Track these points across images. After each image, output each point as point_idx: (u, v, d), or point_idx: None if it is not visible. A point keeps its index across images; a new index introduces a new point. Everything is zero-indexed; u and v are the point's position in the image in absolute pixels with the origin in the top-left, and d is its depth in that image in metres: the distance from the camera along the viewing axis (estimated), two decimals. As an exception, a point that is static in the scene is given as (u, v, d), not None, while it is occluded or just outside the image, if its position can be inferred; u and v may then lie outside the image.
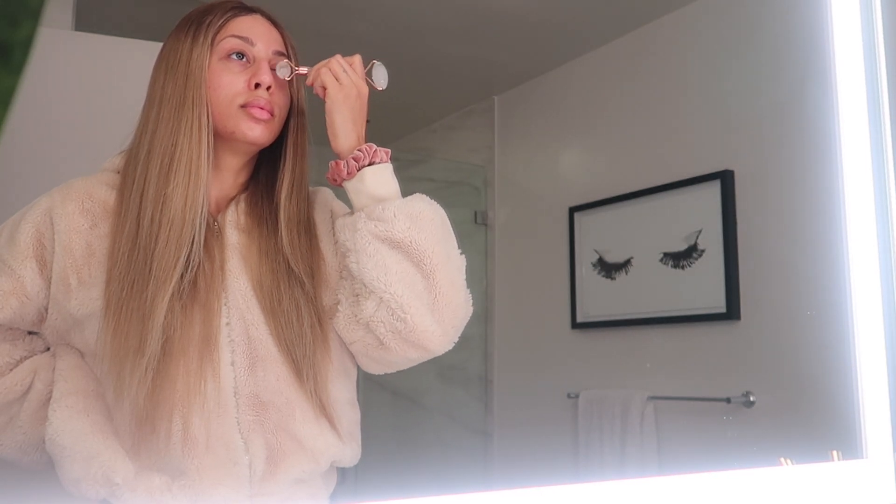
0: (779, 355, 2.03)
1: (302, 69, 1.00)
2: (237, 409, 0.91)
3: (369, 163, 0.97)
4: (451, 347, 0.98)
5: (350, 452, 1.00)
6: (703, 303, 2.21)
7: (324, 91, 0.98)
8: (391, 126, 3.44)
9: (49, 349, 0.99)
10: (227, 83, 0.95)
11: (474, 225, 3.08)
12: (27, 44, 0.24)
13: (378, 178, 0.97)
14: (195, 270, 0.91)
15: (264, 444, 0.92)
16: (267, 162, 1.03)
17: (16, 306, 0.93)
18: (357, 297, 0.96)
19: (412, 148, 3.44)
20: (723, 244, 2.18)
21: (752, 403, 2.06)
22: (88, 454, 0.90)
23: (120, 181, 0.96)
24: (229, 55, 0.97)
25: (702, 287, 2.23)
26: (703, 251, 2.24)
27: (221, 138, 0.97)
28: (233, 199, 1.01)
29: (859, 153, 0.97)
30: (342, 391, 1.01)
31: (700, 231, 2.26)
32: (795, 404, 1.96)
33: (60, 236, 0.92)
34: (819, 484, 0.86)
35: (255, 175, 1.04)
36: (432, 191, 0.99)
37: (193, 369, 0.89)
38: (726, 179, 2.19)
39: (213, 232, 0.97)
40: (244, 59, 0.98)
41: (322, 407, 0.95)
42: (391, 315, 0.93)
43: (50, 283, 0.93)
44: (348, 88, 0.97)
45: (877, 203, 0.96)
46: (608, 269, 2.56)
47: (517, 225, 3.02)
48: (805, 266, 1.93)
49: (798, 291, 1.97)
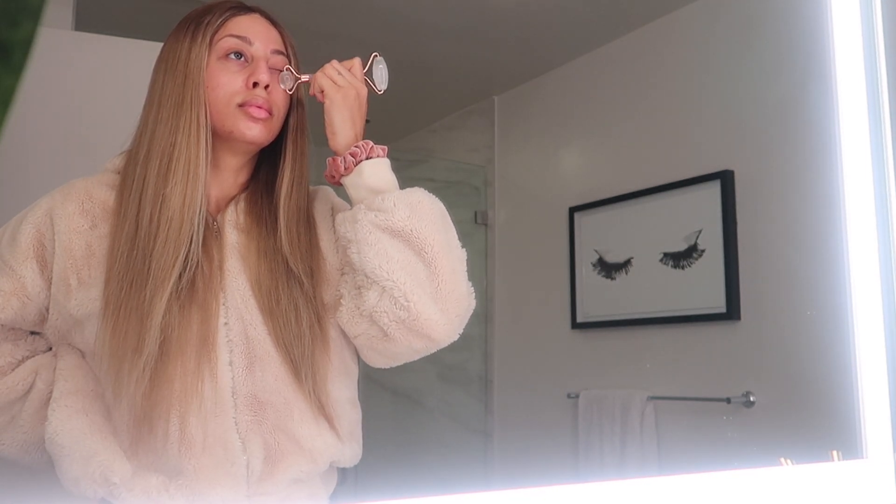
0: (779, 355, 2.03)
1: (304, 77, 1.00)
2: (235, 409, 0.91)
3: (366, 157, 0.97)
4: (456, 338, 0.97)
5: (350, 452, 0.99)
6: (703, 303, 2.21)
7: (323, 94, 0.99)
8: (391, 126, 3.44)
9: (51, 349, 0.99)
10: (226, 82, 0.95)
11: (474, 225, 3.08)
12: (27, 44, 0.24)
13: (376, 172, 0.97)
14: (193, 270, 0.91)
15: (262, 444, 0.91)
16: (267, 161, 1.03)
17: (17, 307, 0.93)
18: (359, 290, 0.95)
19: (412, 148, 3.44)
20: (723, 244, 2.18)
21: (752, 403, 2.06)
22: (87, 454, 0.90)
23: (119, 181, 0.96)
24: (227, 55, 0.97)
25: (702, 287, 2.23)
26: (703, 251, 2.24)
27: (220, 138, 0.97)
28: (233, 199, 1.01)
29: (859, 153, 0.97)
30: (342, 390, 1.00)
31: (700, 231, 2.26)
32: (795, 404, 1.96)
33: (60, 237, 0.92)
34: (819, 484, 0.86)
35: (256, 174, 1.03)
36: (432, 191, 0.98)
37: (191, 369, 0.89)
38: (726, 179, 2.19)
39: (213, 232, 0.96)
40: (242, 59, 0.97)
41: (321, 407, 0.95)
42: (394, 304, 0.92)
43: (50, 284, 0.93)
44: (346, 89, 0.98)
45: (877, 203, 0.96)
46: (608, 269, 2.56)
47: (517, 225, 3.02)
48: (805, 266, 1.93)
49: (798, 291, 1.97)
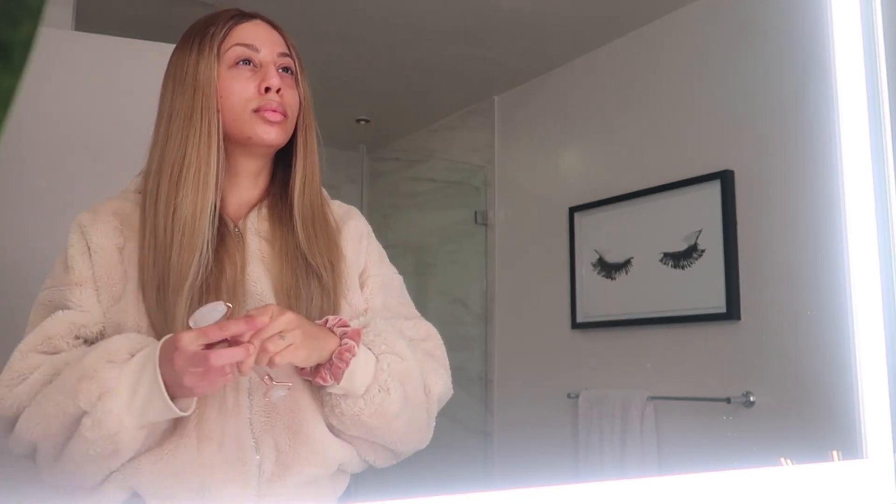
0: (779, 355, 2.03)
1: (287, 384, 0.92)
2: (250, 410, 0.93)
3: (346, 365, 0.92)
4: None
5: (358, 458, 1.01)
6: (703, 303, 2.21)
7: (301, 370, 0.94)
8: (391, 126, 3.44)
9: None
10: (239, 90, 0.98)
11: (474, 225, 3.08)
12: (27, 44, 0.24)
13: (360, 374, 0.94)
14: (210, 275, 0.93)
15: (274, 446, 0.93)
16: (282, 163, 1.06)
17: (98, 315, 0.95)
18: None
19: (412, 148, 3.44)
20: (723, 244, 2.18)
21: (752, 403, 2.06)
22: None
23: (141, 198, 1.00)
24: (237, 63, 0.99)
25: (702, 287, 2.23)
26: (703, 251, 2.24)
27: (237, 144, 0.99)
28: (255, 206, 1.03)
29: (859, 153, 0.97)
30: None
31: (700, 231, 2.26)
32: (795, 404, 1.96)
33: (95, 255, 0.96)
34: (819, 484, 0.86)
35: (274, 178, 1.06)
36: (432, 191, 0.99)
37: None
38: (726, 179, 2.19)
39: (235, 237, 0.99)
40: (251, 65, 1.00)
41: None
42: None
43: (98, 299, 0.96)
44: (292, 339, 0.86)
45: (877, 203, 0.96)
46: (608, 269, 2.56)
47: (517, 225, 3.02)
48: (805, 266, 1.93)
49: (798, 291, 1.97)
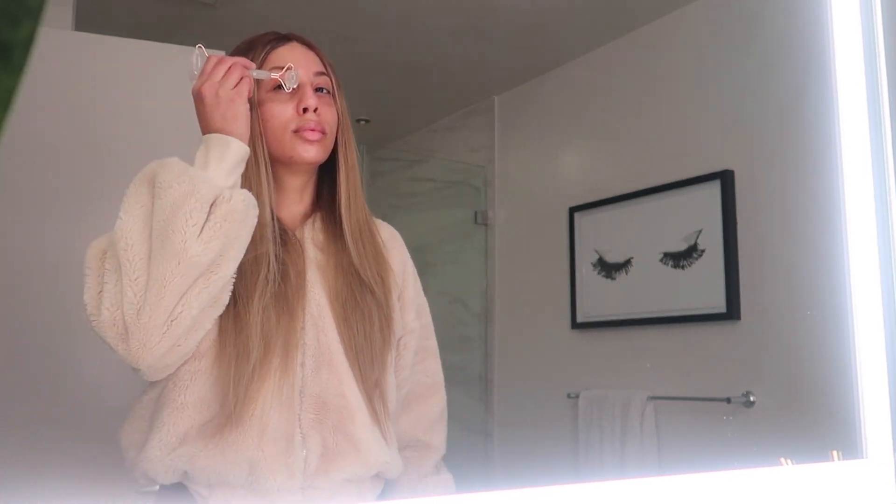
0: (779, 355, 2.03)
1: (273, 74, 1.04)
2: (300, 407, 0.98)
3: None
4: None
5: (395, 465, 1.06)
6: (703, 303, 2.21)
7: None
8: (391, 126, 3.44)
9: None
10: (279, 113, 1.03)
11: (474, 225, 3.08)
12: (27, 44, 0.24)
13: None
14: (278, 280, 0.99)
15: (321, 442, 0.98)
16: (326, 178, 1.12)
17: None
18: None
19: (412, 148, 3.44)
20: (723, 244, 2.18)
21: (752, 403, 2.06)
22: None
23: None
24: (275, 87, 1.03)
25: (702, 287, 2.23)
26: (703, 251, 2.24)
27: (281, 163, 1.05)
28: (309, 218, 1.09)
29: (859, 153, 0.97)
30: (394, 400, 1.11)
31: (700, 231, 2.26)
32: (795, 404, 1.96)
33: None
34: (819, 484, 0.86)
35: (320, 191, 1.12)
36: (432, 191, 1.00)
37: (274, 367, 0.98)
38: (726, 179, 2.19)
39: (294, 246, 1.05)
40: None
41: (376, 415, 1.03)
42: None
43: None
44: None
45: (877, 203, 0.96)
46: (608, 269, 2.56)
47: (517, 225, 3.02)
48: (805, 266, 1.93)
49: (798, 291, 1.97)
